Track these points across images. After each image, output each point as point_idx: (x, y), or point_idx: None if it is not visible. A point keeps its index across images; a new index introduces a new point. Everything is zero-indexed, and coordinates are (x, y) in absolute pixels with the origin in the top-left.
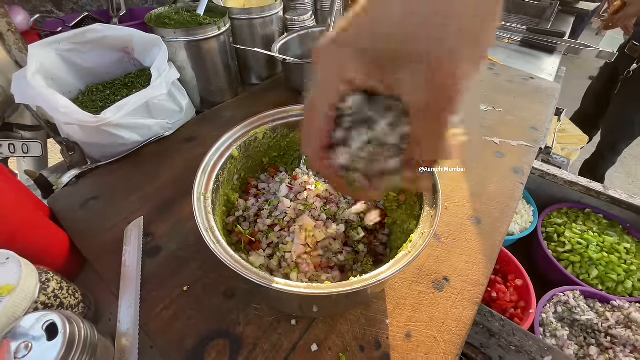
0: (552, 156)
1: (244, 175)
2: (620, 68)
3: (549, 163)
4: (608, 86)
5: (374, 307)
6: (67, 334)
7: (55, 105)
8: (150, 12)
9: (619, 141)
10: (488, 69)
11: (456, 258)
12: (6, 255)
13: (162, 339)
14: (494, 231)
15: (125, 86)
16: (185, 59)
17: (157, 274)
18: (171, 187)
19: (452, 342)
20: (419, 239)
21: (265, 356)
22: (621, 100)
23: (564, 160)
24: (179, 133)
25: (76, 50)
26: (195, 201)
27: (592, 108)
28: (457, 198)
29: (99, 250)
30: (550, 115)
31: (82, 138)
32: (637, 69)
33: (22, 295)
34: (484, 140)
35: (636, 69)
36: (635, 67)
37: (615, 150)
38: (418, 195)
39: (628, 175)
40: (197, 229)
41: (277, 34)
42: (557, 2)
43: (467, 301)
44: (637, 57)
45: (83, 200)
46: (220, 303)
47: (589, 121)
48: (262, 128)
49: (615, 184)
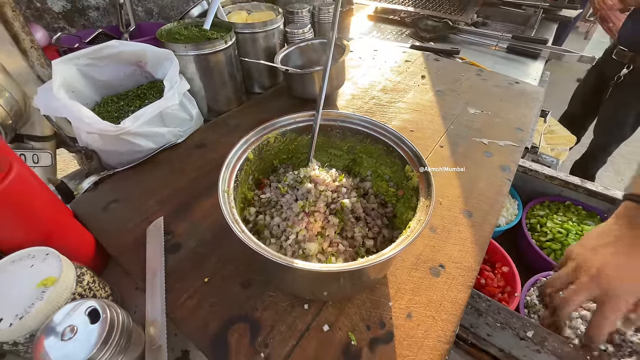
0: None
1: (257, 176)
2: (608, 72)
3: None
4: (596, 90)
5: (378, 291)
6: (107, 318)
7: (80, 116)
8: (160, 28)
9: (611, 143)
10: (476, 75)
11: (450, 247)
12: (46, 252)
13: (188, 325)
14: (484, 223)
15: (138, 97)
16: (194, 71)
17: (179, 268)
18: (186, 190)
19: (449, 320)
20: (417, 225)
21: (282, 336)
22: (613, 104)
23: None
24: (190, 140)
25: (93, 65)
26: (220, 197)
27: (580, 110)
28: (450, 194)
29: (123, 248)
30: (535, 116)
31: (100, 146)
32: (627, 73)
33: (64, 286)
34: (473, 141)
35: (627, 73)
36: (625, 72)
37: (606, 151)
38: (414, 189)
39: (617, 174)
40: (214, 228)
41: (278, 46)
42: (540, 10)
43: (461, 285)
44: (626, 62)
45: (104, 204)
46: (238, 292)
47: (577, 123)
48: (273, 133)
49: (605, 183)
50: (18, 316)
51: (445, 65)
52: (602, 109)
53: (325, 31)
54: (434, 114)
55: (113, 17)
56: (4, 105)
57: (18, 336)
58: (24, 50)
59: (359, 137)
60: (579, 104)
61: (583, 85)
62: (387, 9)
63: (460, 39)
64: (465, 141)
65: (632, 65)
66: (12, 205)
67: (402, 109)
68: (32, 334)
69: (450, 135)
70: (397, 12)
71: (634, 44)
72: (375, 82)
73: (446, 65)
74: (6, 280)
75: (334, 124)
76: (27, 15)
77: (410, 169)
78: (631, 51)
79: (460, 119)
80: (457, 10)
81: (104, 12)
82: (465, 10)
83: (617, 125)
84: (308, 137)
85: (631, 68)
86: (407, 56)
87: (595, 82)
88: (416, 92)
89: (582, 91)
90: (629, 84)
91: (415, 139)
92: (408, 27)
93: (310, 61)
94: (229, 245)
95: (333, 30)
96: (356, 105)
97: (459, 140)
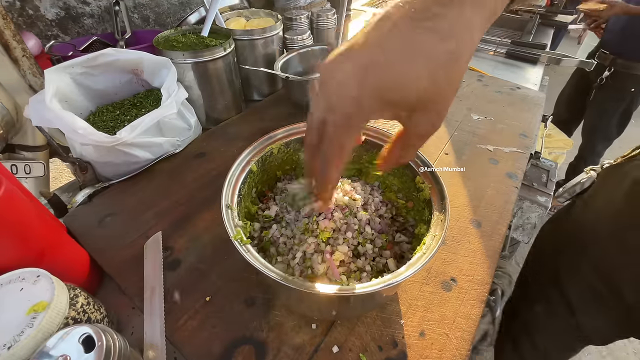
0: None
1: (261, 188)
2: (591, 75)
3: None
4: (580, 92)
5: (389, 308)
6: (103, 345)
7: (73, 127)
8: (157, 35)
9: (598, 144)
10: (477, 81)
11: (461, 260)
12: (37, 273)
13: (190, 348)
14: (493, 233)
15: (134, 106)
16: (192, 79)
17: (179, 286)
18: (185, 202)
19: (463, 338)
20: (432, 241)
21: (289, 359)
22: (597, 107)
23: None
24: (188, 149)
25: (88, 74)
26: (224, 214)
27: (566, 114)
28: (458, 203)
29: (119, 266)
30: (538, 122)
31: (95, 157)
32: (609, 75)
33: (56, 311)
34: (478, 148)
35: (608, 76)
36: (607, 74)
37: (595, 153)
38: (426, 201)
39: None
40: (214, 242)
41: (277, 53)
42: (537, 16)
43: (474, 299)
44: (607, 65)
45: (99, 218)
46: (242, 311)
47: (564, 126)
48: (277, 144)
49: None
50: (6, 346)
51: None
52: (587, 112)
53: (325, 37)
54: None
55: (108, 24)
56: None
57: None
58: (15, 59)
59: (364, 146)
60: (564, 109)
61: (567, 89)
62: None
63: None
64: (470, 148)
65: (613, 67)
66: (1, 224)
67: None
68: None
69: (454, 142)
70: None
71: (615, 46)
72: None
73: None
74: None
75: None
76: (19, 23)
77: (421, 180)
78: (612, 54)
79: (464, 126)
80: None
81: (98, 20)
82: None
83: (602, 127)
84: None
85: (612, 70)
86: None
87: (579, 86)
88: None
89: (568, 95)
90: (611, 85)
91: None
92: None
93: (310, 67)
94: (231, 261)
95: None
96: None
97: (464, 147)
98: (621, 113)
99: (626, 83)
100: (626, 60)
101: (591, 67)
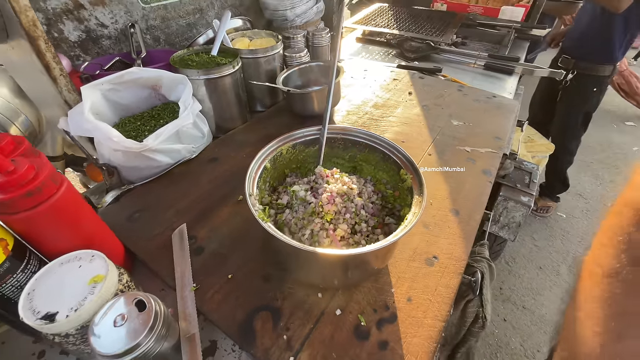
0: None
1: (272, 183)
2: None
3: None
4: (549, 94)
5: (381, 280)
6: (152, 308)
7: (109, 135)
8: (173, 55)
9: (567, 142)
10: (458, 91)
11: (442, 241)
12: (92, 254)
13: (217, 315)
14: (470, 219)
15: (152, 118)
16: (204, 93)
17: (204, 267)
18: (203, 200)
19: (444, 302)
20: (412, 217)
21: (300, 321)
22: (563, 106)
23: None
24: (202, 155)
25: (115, 90)
26: (248, 199)
27: (540, 116)
28: (440, 195)
29: (151, 253)
30: (511, 126)
31: (123, 162)
32: (572, 78)
33: (111, 282)
34: (458, 149)
35: (572, 78)
36: (571, 77)
37: (567, 150)
38: (409, 189)
39: (596, 178)
40: (232, 231)
41: (278, 69)
42: (513, 30)
43: (452, 272)
44: (570, 68)
45: (128, 214)
46: (259, 285)
47: (540, 127)
48: (285, 145)
49: (585, 187)
50: (73, 309)
51: (429, 82)
52: (556, 112)
53: (320, 54)
54: (422, 126)
55: (124, 44)
56: (20, 126)
57: (73, 327)
58: (55, 78)
59: (358, 147)
60: (538, 112)
61: (538, 94)
62: (374, 32)
63: (441, 58)
64: (451, 149)
65: (575, 70)
66: (64, 212)
67: (393, 123)
68: (83, 325)
69: (437, 144)
70: (383, 34)
71: (575, 51)
72: (367, 99)
73: (430, 82)
74: (58, 279)
75: (336, 137)
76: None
77: (405, 173)
78: (573, 58)
79: (445, 130)
80: (438, 32)
81: (115, 41)
82: (446, 32)
83: (570, 125)
84: (314, 149)
85: (575, 73)
86: (394, 75)
87: (548, 89)
88: (404, 107)
89: (540, 99)
90: (575, 86)
91: (406, 149)
92: (394, 48)
93: (308, 81)
94: (248, 246)
95: (334, 58)
96: (351, 120)
97: (445, 148)
98: (585, 112)
99: (588, 84)
100: (587, 62)
101: (560, 77)
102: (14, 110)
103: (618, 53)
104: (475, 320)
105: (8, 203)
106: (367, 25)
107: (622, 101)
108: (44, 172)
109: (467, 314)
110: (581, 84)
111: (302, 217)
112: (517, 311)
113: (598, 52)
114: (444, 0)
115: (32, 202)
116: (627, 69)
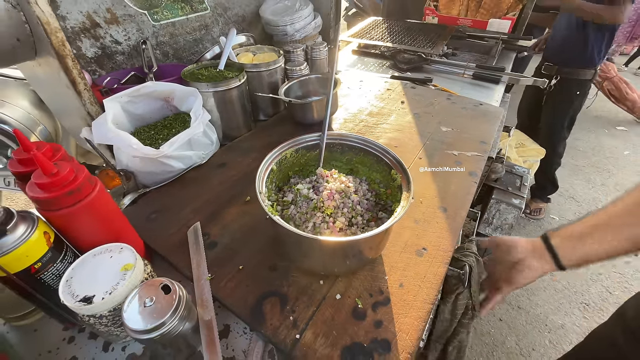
0: (515, 168)
1: (278, 184)
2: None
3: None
4: (535, 100)
5: (376, 269)
6: (177, 291)
7: (129, 143)
8: (183, 70)
9: (554, 144)
10: (447, 99)
11: (430, 235)
12: (120, 246)
13: (231, 300)
14: (456, 216)
15: (165, 127)
16: (213, 104)
17: (218, 260)
18: (214, 201)
19: (432, 288)
20: (401, 210)
21: (305, 304)
22: (549, 110)
23: (525, 170)
24: (211, 161)
25: (132, 102)
26: (259, 196)
27: (527, 120)
28: (429, 194)
29: (169, 248)
30: (497, 132)
31: (139, 168)
32: (556, 83)
33: (139, 270)
34: (446, 153)
35: (555, 83)
36: (554, 82)
37: (555, 152)
38: (398, 187)
39: (588, 182)
40: (242, 228)
41: (280, 81)
42: (500, 42)
43: (439, 262)
44: (553, 74)
45: (146, 215)
46: (267, 274)
47: (530, 132)
48: (289, 150)
49: (577, 190)
50: (108, 292)
51: (421, 91)
52: (542, 116)
53: (319, 67)
54: (413, 133)
55: (136, 59)
56: (38, 135)
57: (107, 309)
58: (80, 92)
59: (355, 151)
60: (525, 117)
61: (525, 100)
62: (368, 45)
63: (432, 69)
64: (439, 153)
65: (559, 75)
66: (97, 209)
67: (387, 129)
68: (115, 307)
69: (427, 149)
70: (377, 47)
71: (557, 58)
72: (363, 108)
73: (421, 91)
74: (92, 268)
75: (335, 142)
76: None
77: (395, 173)
78: (555, 64)
79: (435, 136)
80: (429, 44)
81: (128, 56)
82: (437, 43)
83: (556, 128)
84: (315, 153)
85: (558, 78)
86: (388, 85)
87: (534, 95)
88: (397, 115)
89: (527, 105)
90: (559, 91)
91: (398, 153)
92: (388, 59)
93: (308, 92)
94: (256, 241)
95: (332, 71)
96: (348, 127)
97: (434, 152)
98: (570, 115)
99: (572, 87)
100: (569, 68)
101: (545, 85)
102: (34, 120)
103: (597, 58)
104: (466, 312)
105: (52, 201)
106: (362, 39)
107: (612, 106)
108: (81, 174)
109: (458, 306)
110: (565, 88)
111: (305, 212)
112: (513, 311)
113: (578, 58)
114: (435, 14)
115: (72, 200)
116: (616, 75)
